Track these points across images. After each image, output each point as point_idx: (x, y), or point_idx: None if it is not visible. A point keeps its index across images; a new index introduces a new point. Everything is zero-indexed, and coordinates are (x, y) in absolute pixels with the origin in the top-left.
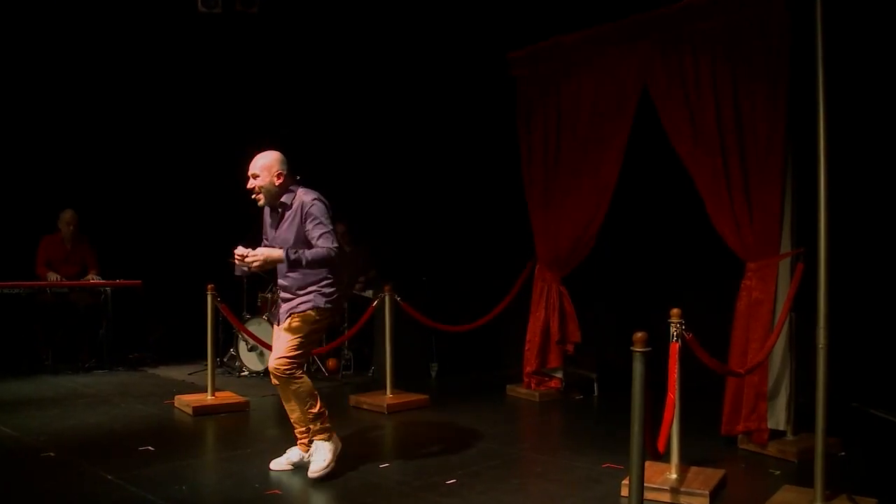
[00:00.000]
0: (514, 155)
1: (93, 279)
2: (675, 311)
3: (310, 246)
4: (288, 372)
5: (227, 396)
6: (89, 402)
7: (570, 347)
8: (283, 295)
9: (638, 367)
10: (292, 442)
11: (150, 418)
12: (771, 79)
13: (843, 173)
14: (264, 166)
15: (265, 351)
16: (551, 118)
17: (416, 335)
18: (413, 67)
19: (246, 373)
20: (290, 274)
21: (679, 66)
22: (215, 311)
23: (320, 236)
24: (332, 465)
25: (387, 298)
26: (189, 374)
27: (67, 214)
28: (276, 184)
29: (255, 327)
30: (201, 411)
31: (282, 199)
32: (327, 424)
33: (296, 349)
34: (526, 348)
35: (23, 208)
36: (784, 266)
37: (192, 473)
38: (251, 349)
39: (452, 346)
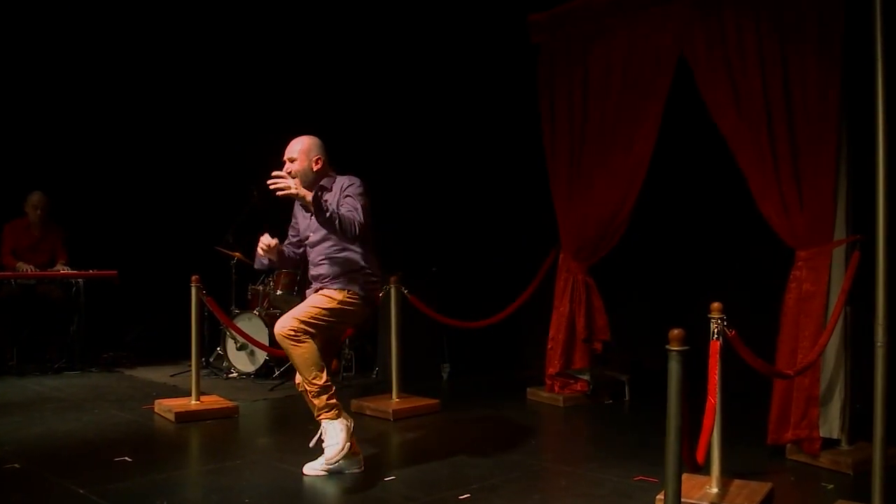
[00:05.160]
0: (535, 130)
1: (62, 269)
2: (715, 305)
3: None
4: (292, 334)
5: (213, 401)
6: (59, 408)
7: (597, 346)
8: (315, 286)
9: (674, 368)
10: (288, 450)
11: (127, 425)
12: (823, 43)
13: None
14: (302, 150)
15: (256, 350)
16: (577, 89)
17: (426, 332)
18: (422, 35)
19: (234, 374)
20: (324, 261)
21: (720, 30)
22: (200, 305)
23: (353, 209)
24: (349, 445)
25: (393, 291)
26: (171, 376)
27: (35, 197)
28: (314, 169)
29: (245, 323)
30: (184, 418)
31: (321, 183)
32: (334, 400)
33: (313, 318)
34: (548, 347)
35: None
36: (838, 255)
37: (174, 487)
38: (240, 348)
39: (466, 345)
